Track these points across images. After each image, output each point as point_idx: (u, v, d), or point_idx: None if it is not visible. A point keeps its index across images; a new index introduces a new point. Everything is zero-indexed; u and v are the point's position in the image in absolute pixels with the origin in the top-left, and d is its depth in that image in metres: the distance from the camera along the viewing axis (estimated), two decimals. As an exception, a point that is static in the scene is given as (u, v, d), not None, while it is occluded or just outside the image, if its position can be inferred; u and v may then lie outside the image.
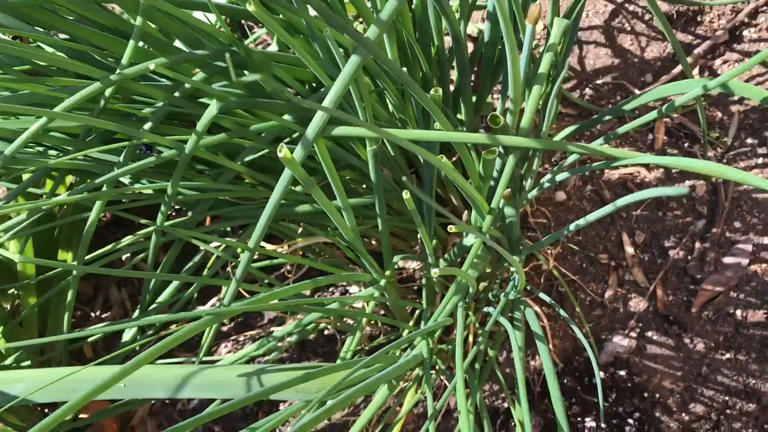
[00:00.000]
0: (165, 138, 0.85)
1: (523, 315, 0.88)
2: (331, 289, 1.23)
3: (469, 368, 0.92)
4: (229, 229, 1.12)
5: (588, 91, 1.36)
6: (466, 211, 1.00)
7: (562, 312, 0.85)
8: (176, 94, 0.86)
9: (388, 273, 0.95)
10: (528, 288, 0.97)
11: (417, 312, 1.05)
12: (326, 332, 1.17)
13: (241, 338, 1.21)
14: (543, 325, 1.05)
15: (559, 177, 0.85)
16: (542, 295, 0.91)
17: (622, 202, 0.63)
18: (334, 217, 0.82)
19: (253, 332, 1.21)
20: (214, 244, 1.04)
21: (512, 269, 0.95)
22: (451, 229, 0.71)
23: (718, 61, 1.35)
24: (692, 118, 1.29)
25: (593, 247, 1.18)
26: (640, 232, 1.19)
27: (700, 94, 0.72)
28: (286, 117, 0.91)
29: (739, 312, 1.11)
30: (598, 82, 1.36)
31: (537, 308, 1.03)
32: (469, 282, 0.83)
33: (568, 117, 1.34)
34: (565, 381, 1.07)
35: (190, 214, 1.05)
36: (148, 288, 1.06)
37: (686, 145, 1.27)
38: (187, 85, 0.87)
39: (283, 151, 0.69)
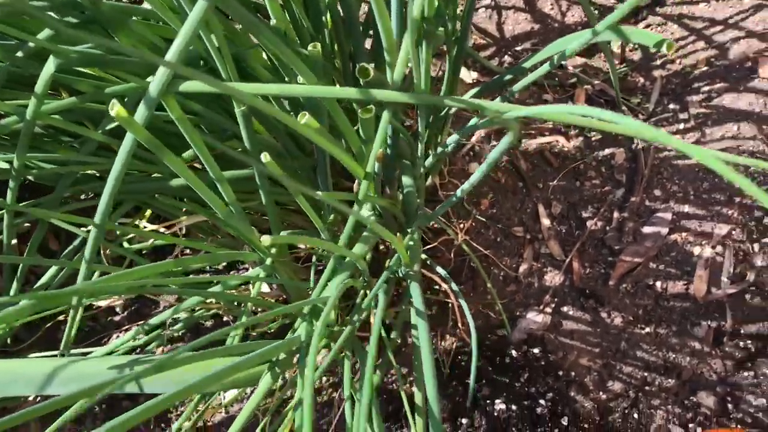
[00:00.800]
0: (5, 104, 0.75)
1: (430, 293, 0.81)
2: (232, 272, 1.14)
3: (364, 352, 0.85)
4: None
5: (507, 58, 1.30)
6: (357, 181, 0.92)
7: (453, 286, 0.78)
8: (19, 53, 0.76)
9: (275, 251, 0.87)
10: (429, 263, 0.89)
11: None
12: (225, 318, 1.09)
13: (135, 327, 1.11)
14: (450, 303, 0.98)
15: (450, 140, 0.78)
16: (439, 269, 0.84)
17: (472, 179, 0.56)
18: (200, 190, 0.74)
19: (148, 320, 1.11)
20: (88, 227, 0.94)
21: (410, 243, 0.88)
22: (318, 195, 0.64)
23: (641, 25, 1.29)
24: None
25: (508, 219, 1.12)
26: (557, 203, 1.12)
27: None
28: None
29: (658, 283, 1.06)
30: (518, 48, 1.29)
31: (445, 285, 0.96)
32: (350, 257, 0.75)
33: (485, 85, 1.27)
34: (476, 362, 1.00)
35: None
36: (12, 274, 0.96)
37: (607, 111, 1.21)
38: (31, 44, 0.76)
39: (115, 109, 0.60)
